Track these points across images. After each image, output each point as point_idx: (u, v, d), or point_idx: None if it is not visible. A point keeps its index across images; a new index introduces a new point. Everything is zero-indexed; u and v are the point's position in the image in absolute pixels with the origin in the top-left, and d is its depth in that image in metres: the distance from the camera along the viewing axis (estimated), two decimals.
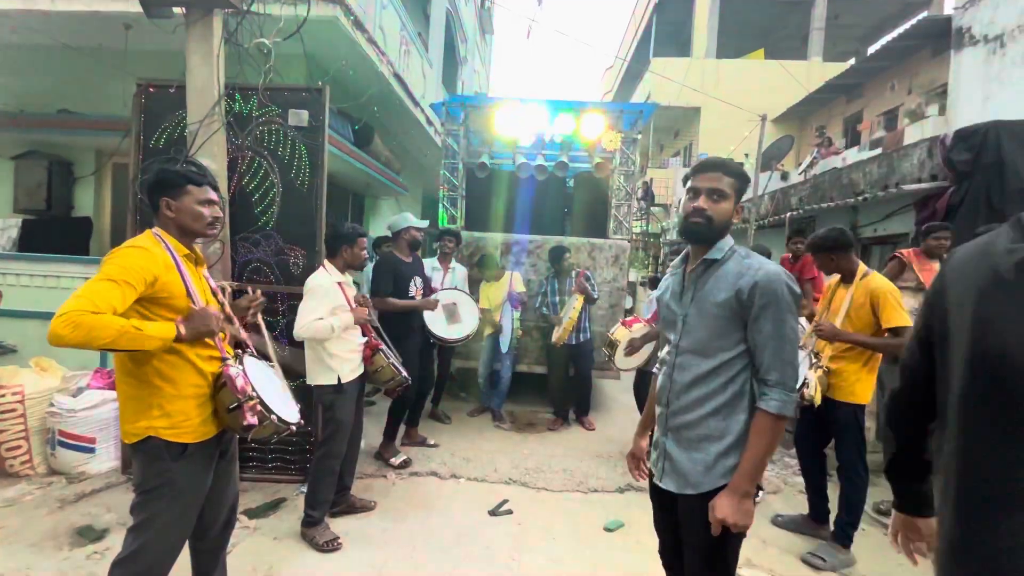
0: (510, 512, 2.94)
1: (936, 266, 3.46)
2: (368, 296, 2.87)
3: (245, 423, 1.58)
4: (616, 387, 5.83)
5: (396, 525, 2.75)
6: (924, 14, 13.45)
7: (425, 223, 3.70)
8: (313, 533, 2.51)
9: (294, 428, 1.75)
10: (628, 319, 3.85)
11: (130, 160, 3.10)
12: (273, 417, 1.65)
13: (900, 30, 12.28)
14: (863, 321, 2.47)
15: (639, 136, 5.15)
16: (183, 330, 1.50)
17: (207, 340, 1.63)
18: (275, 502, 2.89)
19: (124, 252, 1.49)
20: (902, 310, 2.38)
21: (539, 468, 3.57)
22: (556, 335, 4.25)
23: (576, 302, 4.18)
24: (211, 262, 2.83)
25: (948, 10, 10.34)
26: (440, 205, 5.19)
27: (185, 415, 1.57)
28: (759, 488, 1.37)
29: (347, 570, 2.34)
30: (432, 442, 3.91)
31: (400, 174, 7.60)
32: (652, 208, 14.95)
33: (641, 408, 3.44)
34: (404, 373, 2.88)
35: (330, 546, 2.48)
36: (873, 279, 2.49)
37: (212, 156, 2.85)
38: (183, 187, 1.65)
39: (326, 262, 2.65)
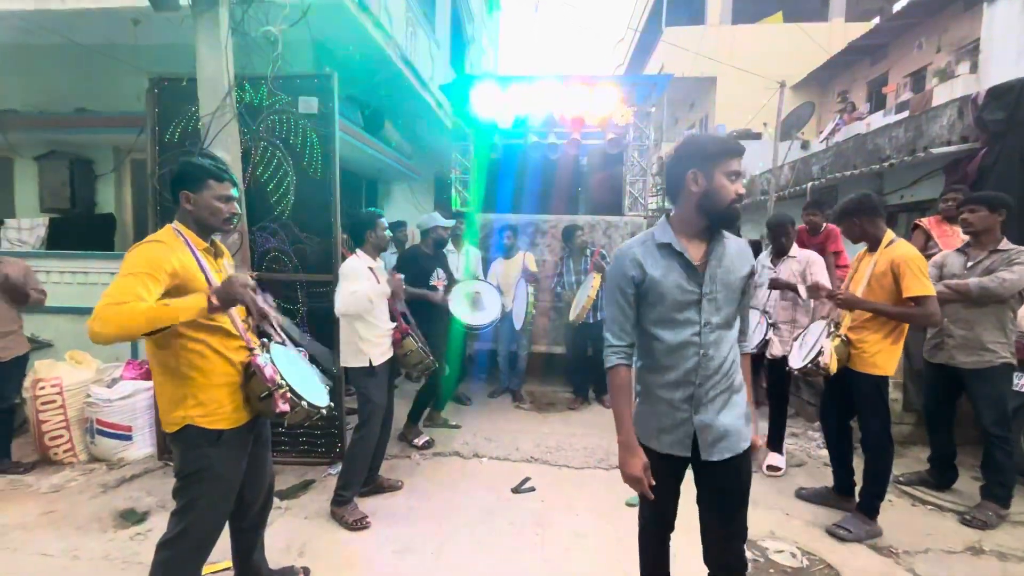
0: (533, 489, 2.99)
1: (956, 230, 3.35)
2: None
3: (277, 410, 1.63)
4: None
5: (422, 503, 2.82)
6: None
7: (452, 223, 3.82)
8: (343, 512, 2.59)
9: (324, 412, 1.79)
10: None
11: (147, 156, 3.15)
12: (304, 403, 1.70)
13: None
14: (885, 290, 2.41)
15: (653, 109, 5.02)
16: (215, 299, 1.53)
17: (232, 331, 1.66)
18: (305, 483, 2.99)
19: (143, 247, 1.54)
20: (924, 279, 2.31)
21: (560, 446, 3.60)
22: (574, 314, 4.24)
23: (594, 281, 4.15)
24: (232, 250, 2.88)
25: None
26: (452, 188, 5.17)
27: (218, 403, 1.62)
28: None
29: (376, 547, 2.41)
30: (454, 423, 3.97)
31: (412, 159, 7.58)
32: None
33: None
34: (432, 357, 2.95)
35: (359, 524, 2.56)
36: (898, 247, 2.41)
37: (226, 147, 2.87)
38: (204, 181, 1.67)
39: (358, 251, 2.71)
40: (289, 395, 1.65)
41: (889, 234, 2.50)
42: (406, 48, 6.01)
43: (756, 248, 5.28)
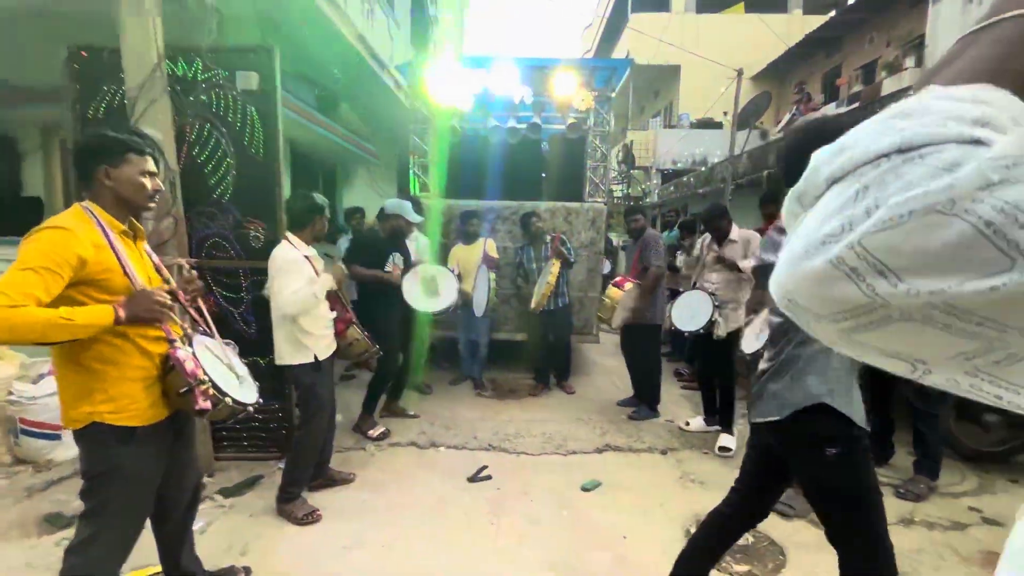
0: (489, 477, 2.97)
1: None
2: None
3: (198, 407, 1.51)
4: (595, 350, 5.87)
5: (375, 496, 2.75)
6: None
7: (420, 219, 3.70)
8: (291, 508, 2.50)
9: (251, 409, 1.69)
10: (619, 279, 4.01)
11: (69, 133, 2.90)
12: (228, 400, 1.59)
13: None
14: None
15: (613, 95, 5.00)
16: (122, 313, 1.41)
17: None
18: (251, 479, 2.87)
19: (42, 235, 1.36)
20: None
21: (519, 433, 3.60)
22: (535, 301, 4.22)
23: (553, 267, 4.13)
24: (165, 238, 2.70)
25: None
26: (411, 172, 5.03)
27: (131, 398, 1.49)
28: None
29: (324, 542, 2.34)
30: (412, 412, 3.90)
31: (371, 142, 7.34)
32: (633, 171, 14.80)
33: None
34: (376, 346, 2.86)
35: (308, 519, 2.47)
36: None
37: (156, 124, 2.67)
38: (123, 155, 1.52)
39: (289, 235, 2.53)
40: (212, 391, 1.53)
41: None
42: (362, 26, 5.76)
43: (691, 226, 5.42)
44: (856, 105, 9.17)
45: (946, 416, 3.06)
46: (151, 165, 1.59)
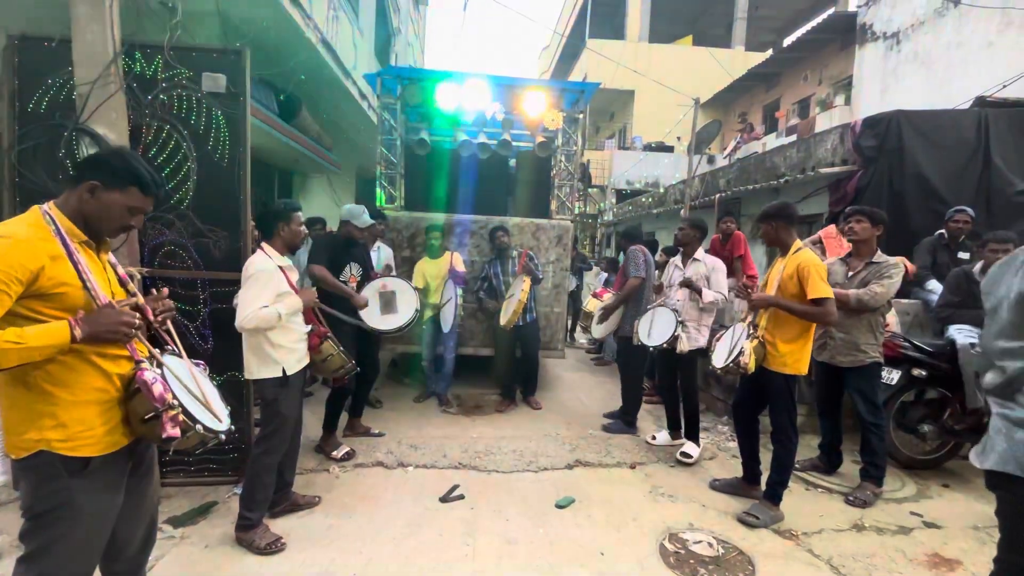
0: (462, 497, 2.90)
1: (842, 240, 3.75)
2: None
3: (165, 435, 1.36)
4: (560, 365, 5.93)
5: (342, 520, 2.62)
6: (832, 10, 14.49)
7: (370, 222, 3.49)
8: (251, 536, 2.33)
9: (223, 437, 1.55)
10: (599, 291, 4.01)
11: (3, 126, 2.63)
12: (199, 427, 1.44)
13: (812, 24, 13.19)
14: (790, 292, 2.65)
15: (580, 116, 5.14)
16: (79, 332, 1.26)
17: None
18: (205, 507, 2.66)
19: None
20: (824, 283, 2.57)
21: (489, 451, 3.55)
22: (505, 317, 4.21)
23: (524, 283, 4.15)
24: (114, 245, 2.49)
25: (854, 7, 11.20)
26: (377, 184, 4.93)
27: (85, 424, 1.34)
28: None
29: (292, 573, 2.19)
30: (377, 431, 3.77)
31: (332, 151, 7.16)
32: (589, 189, 15.21)
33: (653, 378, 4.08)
34: (353, 362, 2.75)
35: (272, 548, 2.31)
36: (803, 254, 2.66)
37: (110, 124, 2.49)
38: (126, 186, 1.41)
39: (264, 245, 2.41)
40: (182, 417, 1.39)
41: (797, 242, 2.74)
42: (327, 31, 5.64)
43: (653, 246, 5.63)
44: (795, 136, 9.91)
45: (886, 427, 3.31)
46: (149, 206, 1.49)
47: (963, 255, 3.94)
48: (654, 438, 3.82)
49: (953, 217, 4.00)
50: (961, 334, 3.29)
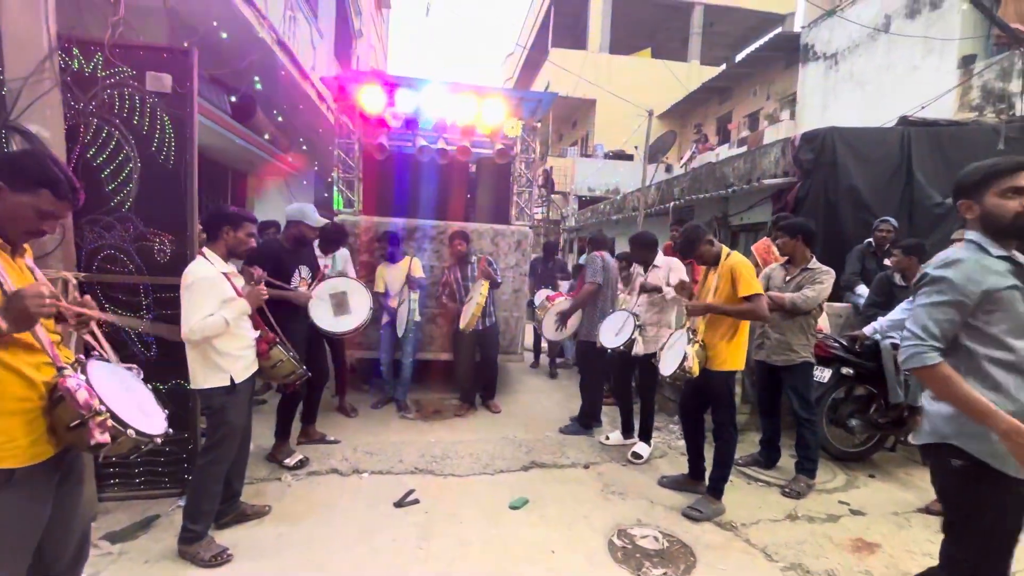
0: (417, 501, 2.91)
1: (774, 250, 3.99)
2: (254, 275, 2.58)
3: (93, 442, 1.32)
4: (520, 369, 6.00)
5: (293, 529, 2.58)
6: (779, 29, 15.35)
7: (323, 222, 3.32)
8: (196, 549, 2.27)
9: (159, 441, 1.51)
10: (552, 295, 4.09)
11: None
12: (130, 432, 1.40)
13: (760, 42, 13.92)
14: (726, 294, 2.82)
15: (539, 124, 5.26)
16: (3, 324, 1.22)
17: (33, 343, 1.35)
18: (145, 521, 2.56)
19: None
20: (754, 280, 2.77)
21: (446, 455, 3.57)
22: (464, 321, 4.25)
23: (482, 288, 4.20)
24: (48, 249, 2.39)
25: (799, 27, 11.90)
26: (335, 188, 4.87)
27: (8, 435, 1.29)
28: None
29: None
30: (332, 438, 3.71)
31: (288, 153, 7.00)
32: (552, 195, 15.44)
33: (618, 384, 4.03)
34: (304, 367, 2.72)
35: (217, 560, 2.26)
36: (733, 257, 2.86)
37: (43, 121, 2.38)
38: (35, 188, 1.34)
39: (205, 250, 2.35)
40: (110, 423, 1.35)
41: (725, 249, 2.92)
42: (283, 31, 5.54)
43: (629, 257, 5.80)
44: (744, 148, 10.41)
45: (819, 422, 3.54)
46: (65, 211, 1.43)
47: (888, 261, 4.28)
48: (608, 438, 3.94)
49: (879, 227, 4.35)
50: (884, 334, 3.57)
